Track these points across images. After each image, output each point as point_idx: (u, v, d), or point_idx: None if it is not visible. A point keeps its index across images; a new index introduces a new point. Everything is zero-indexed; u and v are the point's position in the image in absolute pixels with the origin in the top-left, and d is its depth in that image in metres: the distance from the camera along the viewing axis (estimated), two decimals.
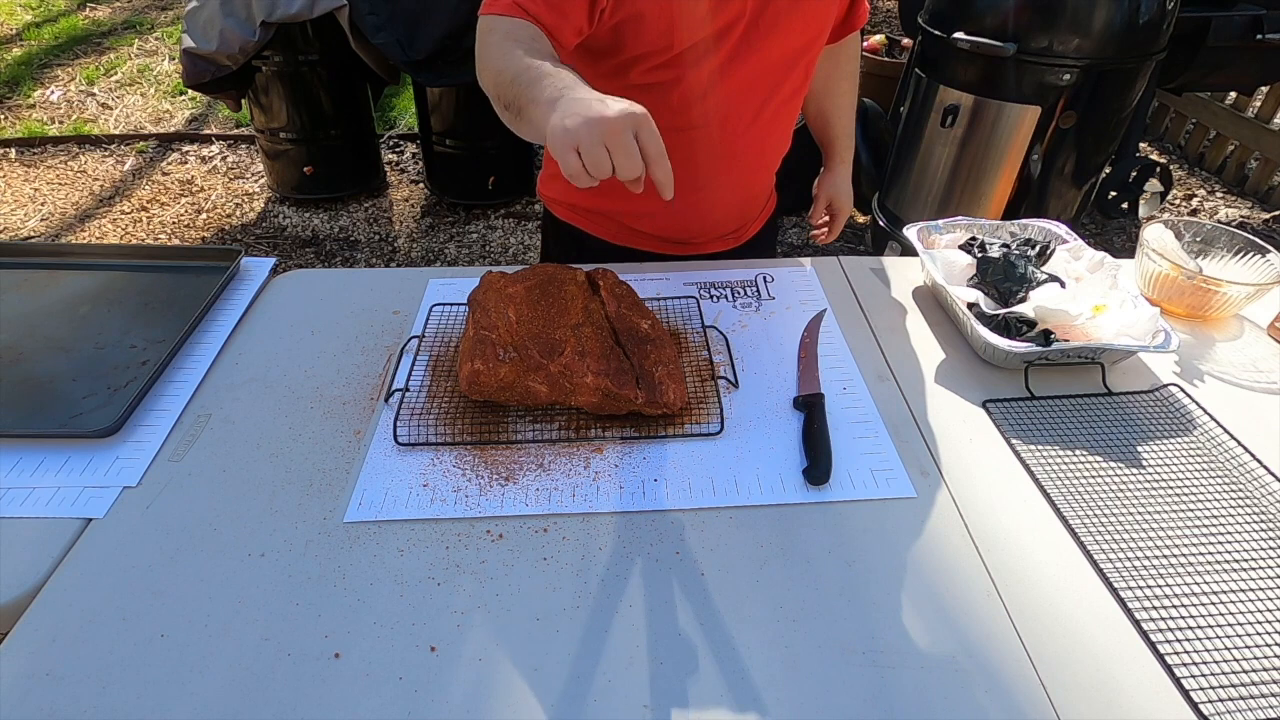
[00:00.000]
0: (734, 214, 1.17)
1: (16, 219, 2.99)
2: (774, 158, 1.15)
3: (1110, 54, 1.97)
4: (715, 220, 1.16)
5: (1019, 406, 0.87)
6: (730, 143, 1.04)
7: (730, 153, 1.05)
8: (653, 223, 1.14)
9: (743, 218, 1.20)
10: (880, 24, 4.75)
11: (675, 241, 1.17)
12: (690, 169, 1.04)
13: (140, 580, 0.67)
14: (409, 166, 3.42)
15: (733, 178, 1.09)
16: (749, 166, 1.11)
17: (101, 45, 4.54)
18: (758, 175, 1.15)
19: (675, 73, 0.94)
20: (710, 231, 1.17)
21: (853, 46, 1.19)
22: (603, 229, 1.17)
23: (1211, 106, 3.34)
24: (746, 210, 1.19)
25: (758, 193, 1.19)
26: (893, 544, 0.71)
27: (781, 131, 1.11)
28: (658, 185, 0.68)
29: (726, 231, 1.19)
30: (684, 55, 0.92)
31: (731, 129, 1.02)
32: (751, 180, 1.15)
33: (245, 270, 1.10)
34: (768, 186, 1.22)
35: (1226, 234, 1.07)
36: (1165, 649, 0.62)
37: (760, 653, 0.61)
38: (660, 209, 0.95)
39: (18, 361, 0.91)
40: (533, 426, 0.83)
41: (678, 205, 0.95)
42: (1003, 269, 0.99)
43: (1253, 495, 0.76)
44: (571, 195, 1.17)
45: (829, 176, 1.25)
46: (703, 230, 1.17)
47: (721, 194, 1.11)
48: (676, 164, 0.99)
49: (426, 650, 0.61)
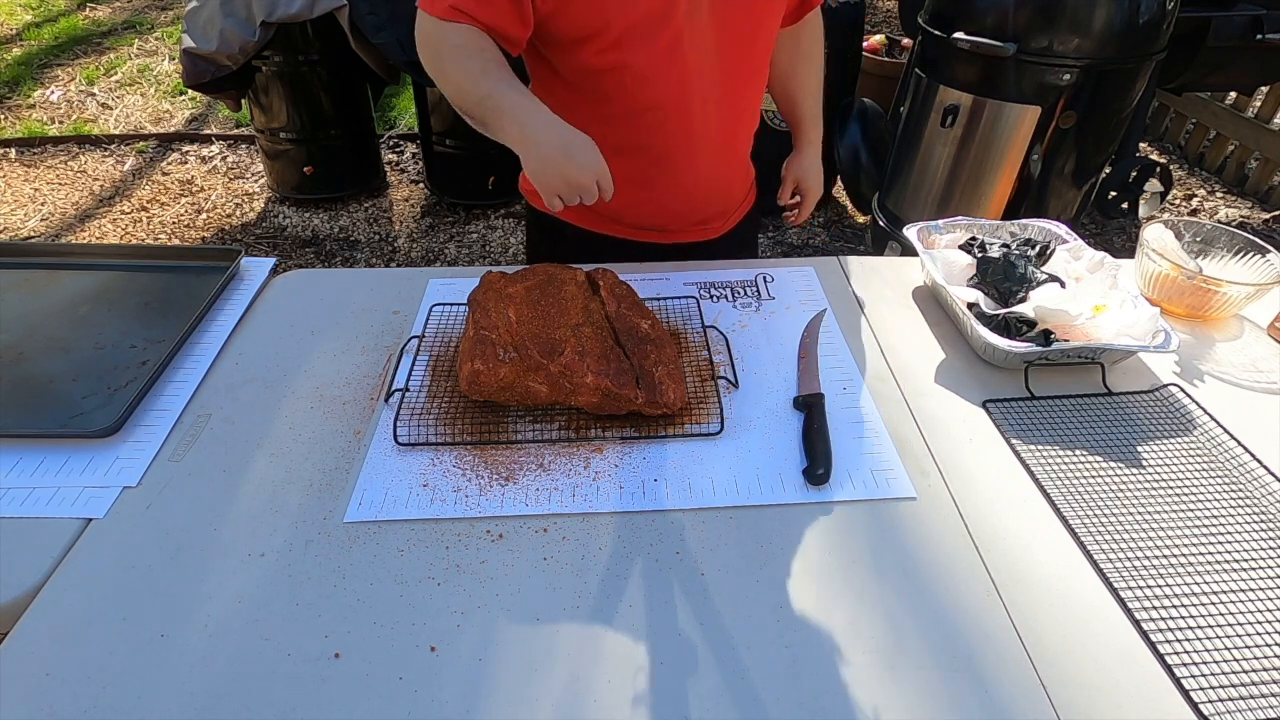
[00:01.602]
0: (706, 200, 1.16)
1: (16, 219, 2.99)
2: (742, 139, 1.14)
3: (1110, 54, 1.97)
4: (688, 207, 1.16)
5: (1019, 406, 0.87)
6: (690, 124, 1.03)
7: (692, 135, 1.05)
8: (629, 211, 1.14)
9: (717, 205, 1.19)
10: (880, 24, 4.76)
11: (650, 229, 1.17)
12: (655, 153, 1.05)
13: (140, 580, 0.67)
14: (409, 166, 3.42)
15: (700, 161, 1.09)
16: (715, 148, 1.09)
17: (101, 45, 4.54)
18: (726, 158, 1.14)
19: (621, 55, 0.95)
20: (684, 218, 1.17)
21: (813, 27, 1.17)
22: (579, 218, 1.17)
23: (1211, 106, 3.33)
24: (720, 197, 1.18)
25: (730, 178, 1.18)
26: (893, 544, 0.71)
27: (745, 112, 1.10)
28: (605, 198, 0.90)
29: (700, 219, 1.18)
30: (626, 36, 0.93)
31: (689, 110, 1.02)
32: (720, 163, 1.13)
33: (245, 270, 1.10)
34: (741, 172, 1.20)
35: (1226, 234, 1.07)
36: (1165, 649, 0.62)
37: (760, 653, 0.61)
38: (632, 196, 1.01)
39: (18, 361, 0.91)
40: (533, 426, 0.83)
41: (649, 191, 0.99)
42: (1003, 269, 0.99)
43: (1253, 495, 0.76)
44: None
45: (797, 158, 1.24)
46: (675, 217, 1.17)
47: (690, 178, 1.11)
48: (641, 148, 1.03)
49: (426, 650, 0.61)
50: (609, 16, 0.91)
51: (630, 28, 0.92)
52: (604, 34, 0.93)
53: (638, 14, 0.91)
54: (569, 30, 0.94)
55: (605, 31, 0.92)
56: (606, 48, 0.94)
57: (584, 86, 0.99)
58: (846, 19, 2.68)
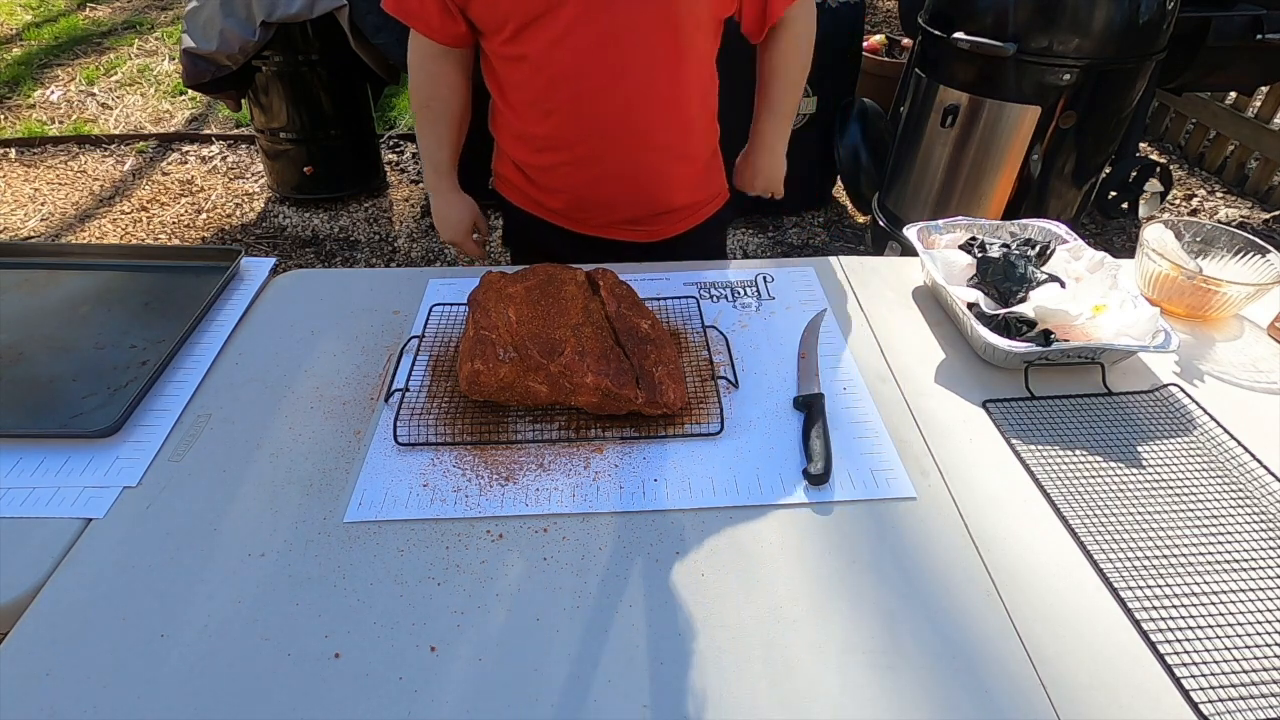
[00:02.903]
0: (630, 200, 1.15)
1: (16, 219, 2.99)
2: (662, 139, 1.10)
3: (1110, 54, 1.97)
4: (609, 204, 1.16)
5: (1019, 406, 0.87)
6: (596, 117, 1.05)
7: (601, 129, 1.06)
8: (556, 198, 1.18)
9: (644, 207, 1.17)
10: (880, 24, 4.76)
11: (579, 220, 1.19)
12: (570, 143, 1.09)
13: (140, 580, 0.67)
14: (409, 166, 3.42)
15: (615, 157, 1.09)
16: (630, 146, 1.08)
17: (101, 45, 4.54)
18: (646, 157, 1.11)
19: (526, 45, 1.00)
20: (605, 215, 1.18)
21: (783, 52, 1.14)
22: (546, 214, 1.21)
23: (1211, 106, 3.33)
24: (646, 198, 1.16)
25: (673, 172, 1.15)
26: (893, 544, 0.71)
27: (661, 111, 1.06)
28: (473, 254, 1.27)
29: (625, 218, 1.18)
30: (529, 26, 0.98)
31: (592, 101, 1.03)
32: (639, 161, 1.11)
33: (245, 270, 1.10)
34: (689, 167, 1.17)
35: (1226, 234, 1.07)
36: (1165, 649, 0.62)
37: (760, 653, 0.61)
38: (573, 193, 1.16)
39: (18, 361, 0.91)
40: (533, 426, 0.83)
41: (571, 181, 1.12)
42: (1003, 269, 0.99)
43: (1253, 495, 0.76)
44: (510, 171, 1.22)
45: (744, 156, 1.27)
46: (597, 212, 1.18)
47: (605, 173, 1.11)
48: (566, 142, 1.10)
49: (426, 650, 0.61)
50: (505, 10, 0.98)
51: (532, 21, 0.97)
52: (508, 22, 0.99)
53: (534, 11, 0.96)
54: (480, 21, 1.02)
55: (508, 19, 0.98)
56: (512, 37, 1.00)
57: (503, 75, 1.07)
58: (846, 19, 2.68)
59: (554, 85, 1.03)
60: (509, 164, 1.20)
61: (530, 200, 1.21)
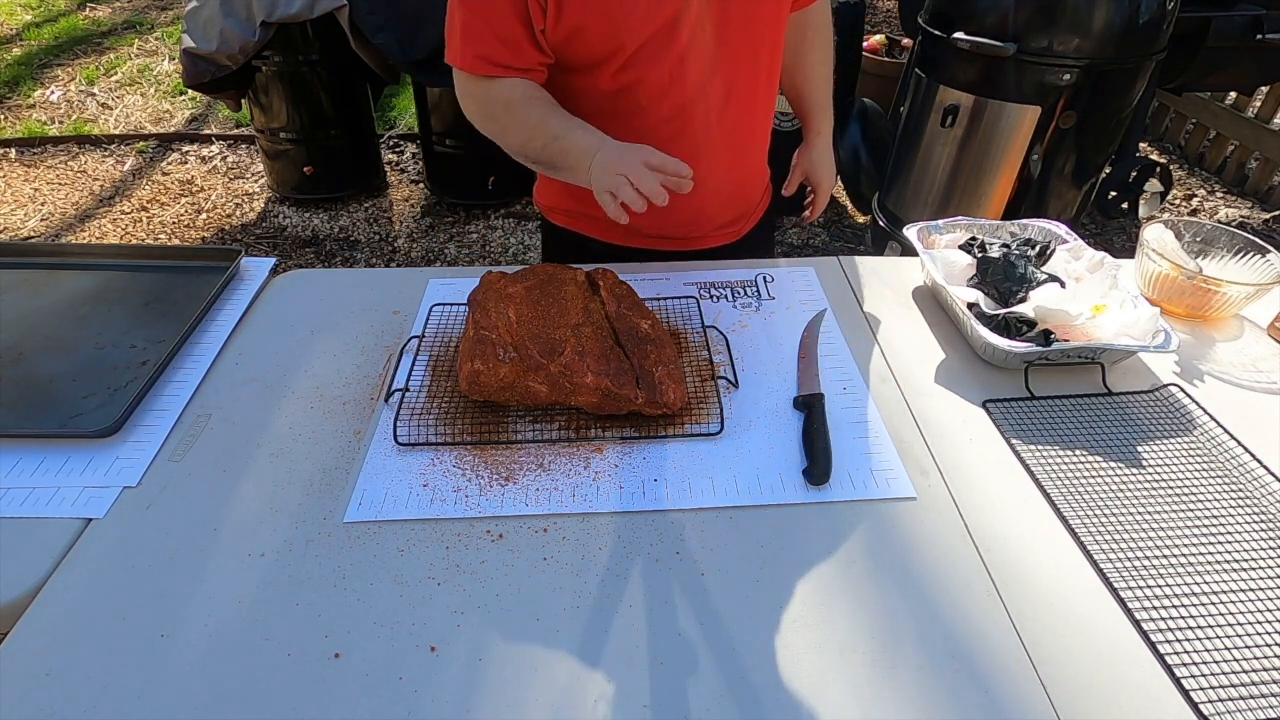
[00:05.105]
0: (729, 204, 1.17)
1: (16, 219, 2.99)
2: (759, 139, 1.14)
3: (1110, 54, 1.97)
4: (712, 212, 1.16)
5: (1019, 406, 0.87)
6: (710, 131, 1.04)
7: (713, 141, 1.05)
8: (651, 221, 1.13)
9: (739, 208, 1.19)
10: (880, 24, 4.76)
11: (675, 238, 1.17)
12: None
13: (140, 580, 0.67)
14: (409, 166, 3.42)
15: (722, 165, 1.09)
16: (735, 150, 1.10)
17: (101, 45, 4.54)
18: (746, 159, 1.15)
19: (638, 73, 0.95)
20: (708, 224, 1.17)
21: (819, 15, 1.16)
22: (601, 231, 1.16)
23: (1211, 106, 3.33)
24: (742, 199, 1.19)
25: (750, 179, 1.18)
26: (893, 544, 0.70)
27: (761, 111, 1.11)
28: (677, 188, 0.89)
29: (724, 223, 1.19)
30: (640, 54, 0.93)
31: (704, 118, 1.02)
32: (741, 165, 1.14)
33: (245, 270, 1.10)
34: (760, 172, 1.21)
35: (1226, 234, 1.07)
36: (1165, 649, 0.62)
37: (760, 653, 0.61)
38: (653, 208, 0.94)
39: (18, 361, 0.91)
40: (533, 426, 0.83)
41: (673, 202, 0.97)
42: (1003, 269, 0.99)
43: (1253, 495, 0.76)
44: (566, 201, 1.17)
45: (806, 150, 1.23)
46: (701, 223, 1.16)
47: (713, 184, 1.10)
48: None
49: (426, 650, 0.61)
50: (623, 39, 0.92)
51: (642, 46, 0.92)
52: (618, 55, 0.93)
53: (650, 31, 0.91)
54: (583, 56, 0.94)
55: (619, 53, 0.93)
56: (620, 69, 0.94)
57: (598, 108, 0.99)
58: (846, 19, 2.68)
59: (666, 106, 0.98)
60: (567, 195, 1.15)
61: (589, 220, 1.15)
